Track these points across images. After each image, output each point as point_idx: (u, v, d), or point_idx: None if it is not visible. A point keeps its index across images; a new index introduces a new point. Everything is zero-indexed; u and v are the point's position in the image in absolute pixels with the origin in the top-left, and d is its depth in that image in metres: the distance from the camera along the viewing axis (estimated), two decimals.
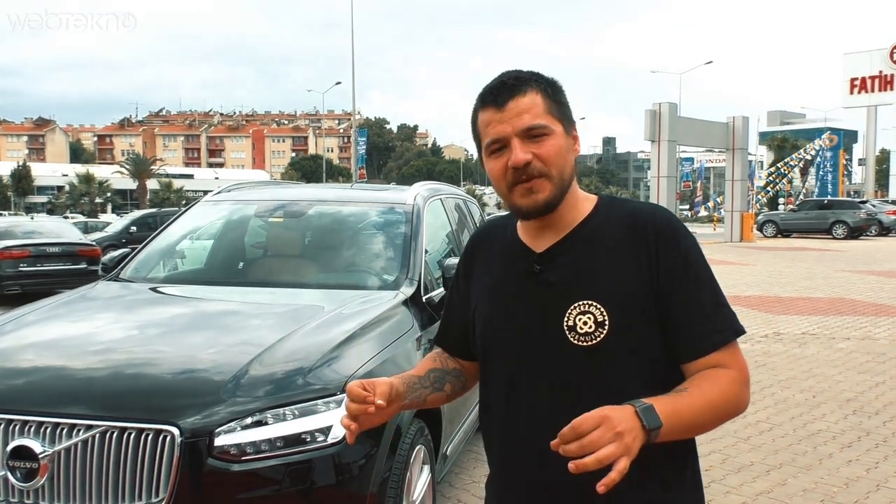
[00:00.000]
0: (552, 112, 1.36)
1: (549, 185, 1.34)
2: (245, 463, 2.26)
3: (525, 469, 1.38)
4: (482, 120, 1.37)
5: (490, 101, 1.36)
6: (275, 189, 5.01)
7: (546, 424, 1.31)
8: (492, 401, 1.45)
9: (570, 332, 1.32)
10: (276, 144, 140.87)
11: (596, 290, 1.32)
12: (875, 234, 30.37)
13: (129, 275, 3.87)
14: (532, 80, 1.37)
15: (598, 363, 1.32)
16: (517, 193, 1.36)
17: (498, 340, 1.42)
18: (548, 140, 1.34)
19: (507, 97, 1.34)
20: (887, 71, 40.98)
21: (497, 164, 1.36)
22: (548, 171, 1.34)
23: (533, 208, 1.35)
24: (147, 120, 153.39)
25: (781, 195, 47.31)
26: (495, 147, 1.35)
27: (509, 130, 1.33)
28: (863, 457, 4.56)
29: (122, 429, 2.24)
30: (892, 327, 9.05)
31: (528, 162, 1.32)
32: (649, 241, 1.35)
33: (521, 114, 1.33)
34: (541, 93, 1.35)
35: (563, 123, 1.38)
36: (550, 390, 1.35)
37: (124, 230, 21.01)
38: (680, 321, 1.33)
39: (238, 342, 2.77)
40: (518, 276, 1.40)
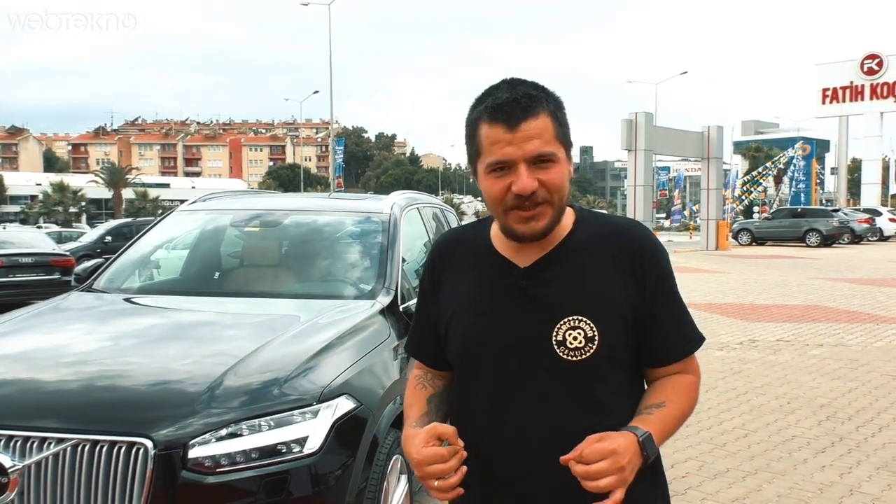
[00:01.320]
0: (559, 137, 1.33)
1: (550, 212, 1.33)
2: (220, 475, 2.23)
3: (507, 481, 1.38)
4: (487, 135, 1.31)
5: (501, 119, 1.29)
6: (251, 199, 4.99)
7: (532, 437, 1.35)
8: (472, 413, 1.43)
9: (559, 347, 1.33)
10: (254, 153, 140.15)
11: (585, 306, 1.34)
12: (847, 242, 30.79)
13: (103, 285, 3.83)
14: (542, 99, 1.32)
15: (585, 377, 1.34)
16: (514, 218, 1.33)
17: (483, 354, 1.40)
18: (554, 167, 1.32)
19: (520, 118, 1.29)
20: (858, 82, 41.63)
21: (498, 184, 1.32)
22: (551, 199, 1.32)
23: (530, 235, 1.34)
24: (122, 129, 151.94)
25: (756, 204, 47.84)
26: (498, 167, 1.31)
27: (518, 155, 1.29)
28: (836, 462, 4.61)
29: (94, 442, 2.21)
30: (864, 334, 9.18)
31: (535, 191, 1.30)
32: (633, 259, 1.38)
33: (532, 139, 1.29)
34: (550, 115, 1.32)
35: (566, 148, 1.36)
36: (537, 403, 1.36)
37: (99, 240, 20.78)
38: (657, 333, 1.39)
39: (213, 353, 2.75)
40: (502, 291, 1.39)
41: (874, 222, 33.39)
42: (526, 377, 1.36)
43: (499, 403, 1.39)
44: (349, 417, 2.50)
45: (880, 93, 40.90)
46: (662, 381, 1.44)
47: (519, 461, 1.37)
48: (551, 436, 1.34)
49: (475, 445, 1.41)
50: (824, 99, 43.10)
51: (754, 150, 59.91)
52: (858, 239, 31.58)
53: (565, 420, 1.35)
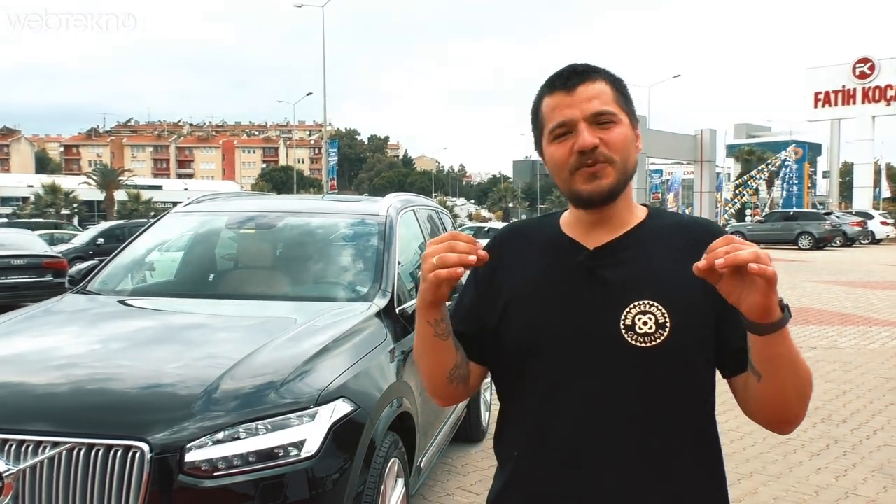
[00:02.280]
0: (619, 103, 1.34)
1: (613, 172, 1.31)
2: (217, 479, 2.21)
3: (557, 474, 1.32)
4: (548, 104, 1.34)
5: (560, 85, 1.33)
6: (246, 200, 4.97)
7: (588, 427, 1.30)
8: (525, 402, 1.36)
9: (627, 332, 1.28)
10: (247, 155, 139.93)
11: (657, 291, 1.29)
12: (839, 245, 30.94)
13: (97, 287, 3.80)
14: (601, 70, 1.36)
15: (653, 366, 1.27)
16: (580, 178, 1.31)
17: (544, 337, 1.33)
18: (615, 127, 1.31)
19: (578, 82, 1.32)
20: (850, 86, 41.88)
21: (561, 148, 1.32)
22: (613, 158, 1.31)
23: (597, 194, 1.31)
24: (115, 130, 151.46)
25: (748, 207, 48.02)
26: (561, 131, 1.32)
27: (577, 114, 1.30)
28: (832, 464, 4.62)
29: (89, 445, 2.18)
30: (857, 336, 9.21)
31: (596, 146, 1.29)
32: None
33: (591, 99, 1.31)
34: (608, 83, 1.34)
35: (630, 116, 1.36)
36: (599, 391, 1.30)
37: (91, 242, 20.66)
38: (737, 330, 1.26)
39: (209, 356, 2.73)
40: (569, 271, 1.34)
41: (866, 225, 33.59)
42: (589, 362, 1.30)
43: (556, 390, 1.32)
44: (347, 420, 2.49)
45: (872, 96, 41.15)
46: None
47: (574, 450, 1.30)
48: (610, 425, 1.29)
49: (528, 437, 1.35)
50: (816, 102, 43.33)
51: (746, 154, 60.08)
52: (850, 242, 31.75)
53: (628, 410, 1.29)
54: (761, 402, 1.28)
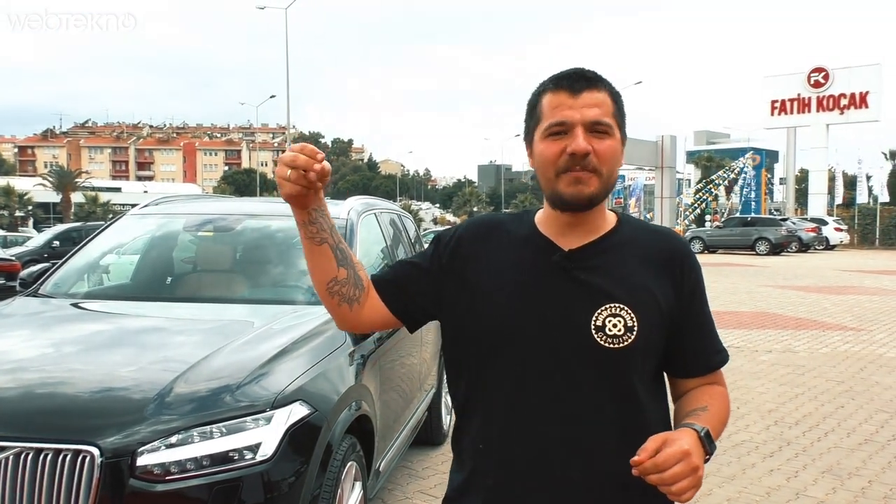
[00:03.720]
0: (616, 117, 1.39)
1: (597, 182, 1.35)
2: (169, 483, 2.19)
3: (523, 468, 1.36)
4: (550, 101, 1.37)
5: (566, 85, 1.36)
6: (204, 202, 4.91)
7: (554, 424, 1.34)
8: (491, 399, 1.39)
9: (597, 333, 1.33)
10: (209, 158, 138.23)
11: (627, 296, 1.35)
12: (795, 251, 31.60)
13: (50, 290, 3.73)
14: (607, 81, 1.40)
15: (619, 366, 1.34)
16: (564, 181, 1.35)
17: (514, 333, 1.36)
18: (608, 140, 1.36)
19: (584, 86, 1.36)
20: (805, 94, 42.83)
21: (553, 146, 1.35)
22: (600, 169, 1.35)
23: (577, 199, 1.36)
24: (72, 131, 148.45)
25: (708, 212, 48.81)
26: (557, 130, 1.35)
27: (577, 118, 1.34)
28: (783, 466, 4.72)
29: (38, 450, 2.15)
30: (811, 340, 9.41)
31: (588, 153, 1.33)
32: (674, 264, 1.42)
33: (593, 106, 1.35)
34: (610, 95, 1.38)
35: (621, 132, 1.40)
36: (566, 388, 1.34)
37: (46, 244, 20.23)
38: (695, 341, 1.43)
39: (163, 359, 2.69)
40: (544, 270, 1.38)
41: (820, 231, 34.33)
42: (556, 360, 1.34)
43: (524, 386, 1.35)
44: (303, 423, 2.47)
45: (826, 105, 42.15)
46: (697, 391, 1.47)
47: (541, 447, 1.35)
48: (575, 422, 1.34)
49: (493, 431, 1.39)
50: (773, 110, 44.24)
51: (706, 160, 61.10)
52: (806, 247, 32.44)
53: (593, 409, 1.34)
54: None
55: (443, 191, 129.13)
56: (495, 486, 1.38)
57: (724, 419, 1.44)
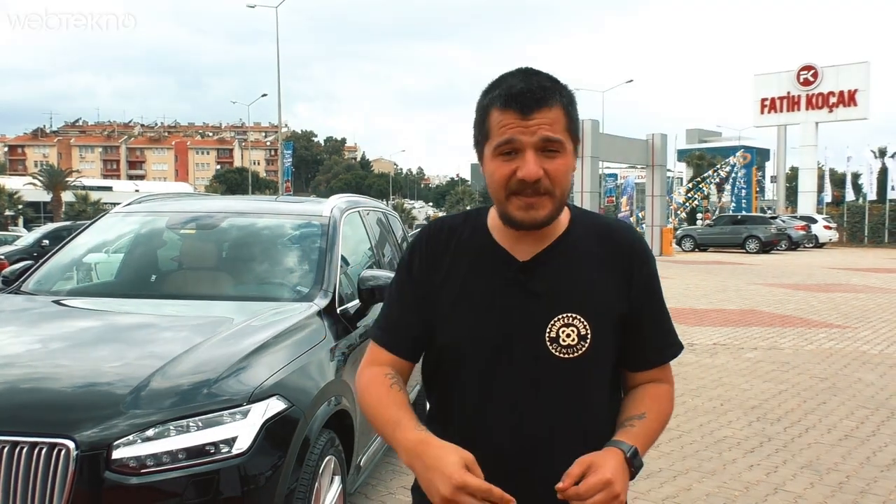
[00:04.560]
0: (569, 129, 1.35)
1: (550, 204, 1.34)
2: (145, 476, 2.21)
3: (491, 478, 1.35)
4: (498, 119, 1.32)
5: (515, 106, 1.31)
6: (189, 200, 4.93)
7: (514, 434, 1.37)
8: (457, 409, 1.43)
9: (551, 344, 1.35)
10: (200, 156, 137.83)
11: (580, 304, 1.35)
12: (785, 249, 31.77)
13: (32, 287, 3.74)
14: (556, 92, 1.34)
15: (574, 374, 1.35)
16: (515, 205, 1.34)
17: (475, 347, 1.39)
18: (559, 158, 1.33)
19: (534, 107, 1.30)
20: (794, 92, 43.00)
21: (503, 168, 1.32)
22: (553, 190, 1.33)
23: (530, 223, 1.35)
24: (62, 130, 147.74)
25: (699, 210, 48.99)
26: (506, 149, 1.32)
27: (528, 140, 1.30)
28: (763, 461, 4.76)
29: (13, 443, 2.17)
30: (796, 337, 9.49)
31: (539, 178, 1.31)
32: (624, 259, 1.42)
33: (543, 126, 1.30)
34: (562, 108, 1.34)
35: (574, 143, 1.38)
36: (524, 400, 1.37)
37: (35, 243, 20.14)
38: (642, 335, 1.42)
39: (140, 355, 2.71)
40: (501, 284, 1.39)
41: (810, 229, 34.53)
42: (515, 373, 1.36)
43: (486, 399, 1.38)
44: (280, 418, 2.50)
45: (815, 103, 42.32)
46: (641, 391, 1.47)
47: (503, 459, 1.37)
48: (534, 432, 1.37)
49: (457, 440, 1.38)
50: (762, 109, 44.39)
51: (697, 158, 61.41)
52: (795, 245, 32.62)
53: (552, 417, 1.37)
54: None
55: (436, 189, 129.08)
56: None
57: (663, 421, 1.45)
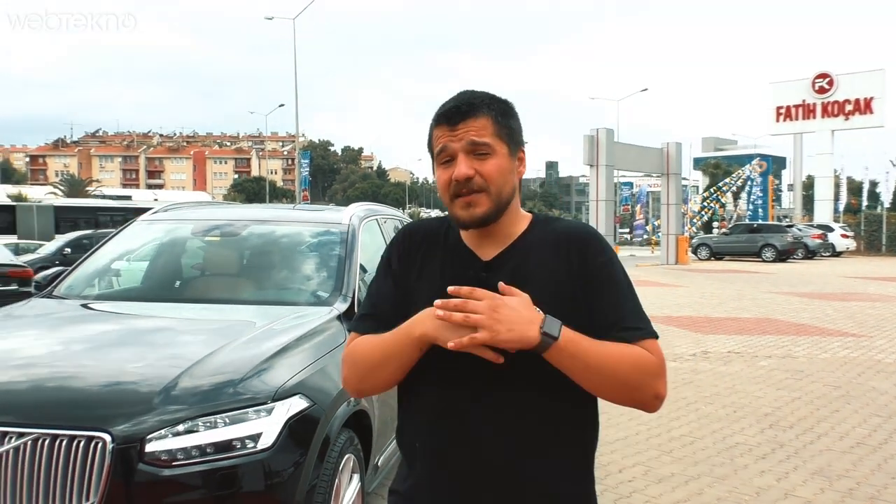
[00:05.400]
0: (499, 135, 1.51)
1: (486, 201, 1.49)
2: (175, 468, 2.34)
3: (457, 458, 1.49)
4: (436, 135, 1.52)
5: (444, 120, 1.51)
6: (212, 209, 5.08)
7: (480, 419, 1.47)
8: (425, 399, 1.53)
9: None
10: (218, 166, 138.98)
11: (537, 297, 1.45)
12: (801, 258, 31.58)
13: (63, 292, 3.91)
14: (484, 104, 1.51)
15: (533, 361, 1.44)
16: (458, 205, 1.50)
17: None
18: (491, 159, 1.49)
19: (460, 119, 1.49)
20: (810, 100, 42.80)
21: (444, 174, 1.51)
22: (487, 188, 1.48)
23: (470, 221, 1.50)
24: (83, 140, 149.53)
25: (715, 219, 48.82)
26: (444, 158, 1.50)
27: (456, 146, 1.48)
28: (775, 467, 4.81)
29: (53, 436, 2.30)
30: (810, 346, 9.49)
31: (470, 177, 1.47)
32: (579, 253, 1.52)
33: (469, 132, 1.48)
34: (491, 117, 1.50)
35: (509, 146, 1.53)
36: (490, 388, 1.47)
37: (58, 252, 20.43)
38: (604, 320, 1.48)
39: (169, 356, 2.86)
40: (467, 281, 1.48)
41: (826, 238, 34.30)
42: (481, 363, 1.44)
43: (452, 387, 1.48)
44: (302, 416, 2.62)
45: (831, 111, 42.11)
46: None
47: (469, 440, 1.47)
48: (504, 413, 1.47)
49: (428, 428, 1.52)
50: (778, 117, 44.22)
51: (713, 167, 61.14)
52: (812, 254, 32.41)
53: (514, 402, 1.47)
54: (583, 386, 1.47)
55: None
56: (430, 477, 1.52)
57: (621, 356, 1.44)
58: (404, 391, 1.59)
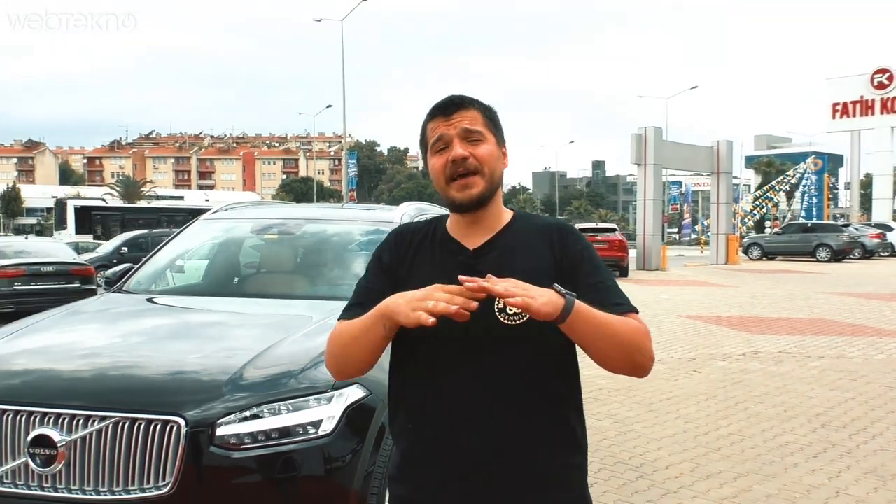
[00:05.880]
0: (488, 126, 1.68)
1: (481, 182, 1.64)
2: (243, 451, 2.50)
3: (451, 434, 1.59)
4: (430, 127, 1.68)
5: (439, 112, 1.67)
6: (269, 208, 5.28)
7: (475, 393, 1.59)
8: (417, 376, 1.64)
9: (500, 314, 1.59)
10: (267, 166, 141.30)
11: (521, 278, 1.55)
12: (858, 258, 30.81)
13: (132, 287, 4.14)
14: (474, 101, 1.70)
15: (522, 338, 1.57)
16: (454, 188, 1.64)
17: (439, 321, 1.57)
18: (483, 144, 1.65)
19: (454, 110, 1.66)
20: (868, 96, 41.72)
21: (439, 160, 1.65)
22: (481, 168, 1.63)
23: (467, 201, 1.64)
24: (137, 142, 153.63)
25: (768, 218, 47.89)
26: (440, 146, 1.65)
27: (452, 132, 1.64)
28: (826, 466, 4.76)
29: (132, 419, 2.48)
30: (866, 347, 9.30)
31: (466, 157, 1.62)
32: (558, 240, 1.68)
33: (463, 120, 1.65)
34: (479, 111, 1.68)
35: (496, 137, 1.70)
36: (483, 363, 1.59)
37: (115, 251, 21.11)
38: (592, 295, 1.59)
39: (234, 348, 3.04)
40: (455, 268, 1.62)
41: (885, 237, 33.39)
42: (472, 341, 1.57)
43: (448, 366, 1.60)
44: (359, 405, 2.74)
45: (891, 107, 40.96)
46: None
47: (463, 418, 1.58)
48: (492, 393, 1.59)
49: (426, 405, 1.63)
50: (834, 113, 43.20)
51: (766, 165, 59.95)
52: (870, 254, 31.59)
53: (505, 379, 1.59)
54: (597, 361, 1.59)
55: None
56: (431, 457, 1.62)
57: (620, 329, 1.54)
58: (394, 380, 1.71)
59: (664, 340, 9.87)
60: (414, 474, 1.66)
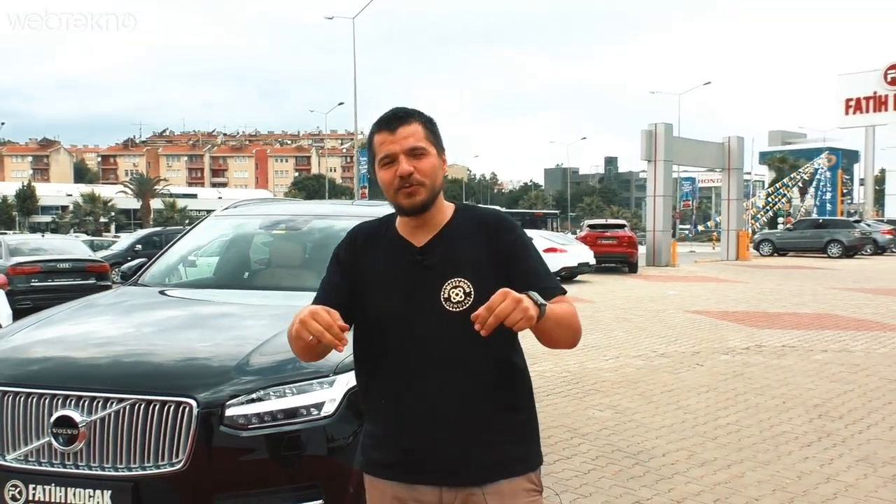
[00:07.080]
0: (429, 139, 1.86)
1: (424, 192, 1.82)
2: (251, 430, 2.69)
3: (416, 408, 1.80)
4: (377, 140, 1.84)
5: (385, 127, 1.84)
6: (278, 205, 5.46)
7: (430, 373, 1.81)
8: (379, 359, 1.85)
9: (446, 303, 1.80)
10: (279, 164, 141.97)
11: (462, 270, 1.81)
12: (870, 254, 30.70)
13: (147, 281, 4.36)
14: (415, 115, 1.87)
15: (466, 324, 1.71)
16: (401, 196, 1.82)
17: (393, 313, 1.84)
18: (425, 158, 1.83)
19: (398, 125, 1.83)
20: (881, 92, 41.50)
21: (387, 173, 1.83)
22: (424, 181, 1.82)
23: (412, 207, 1.83)
24: (150, 140, 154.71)
25: (780, 214, 47.70)
26: (386, 161, 1.82)
27: (398, 149, 1.81)
28: (819, 454, 4.88)
29: (148, 401, 2.66)
30: (870, 341, 9.37)
31: (411, 173, 1.80)
32: (493, 232, 1.88)
33: (408, 137, 1.82)
34: (422, 125, 1.86)
35: (437, 148, 1.88)
36: (433, 347, 1.80)
37: (130, 248, 21.37)
38: (523, 281, 1.78)
39: (242, 336, 3.25)
40: (404, 265, 1.86)
41: None
42: (424, 328, 1.80)
43: (404, 351, 1.80)
44: None
45: None
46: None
47: (422, 391, 1.79)
48: (446, 370, 1.80)
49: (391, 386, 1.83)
50: (847, 109, 43.01)
51: (779, 161, 59.65)
52: (882, 250, 31.46)
53: (456, 360, 1.79)
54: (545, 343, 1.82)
55: (509, 194, 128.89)
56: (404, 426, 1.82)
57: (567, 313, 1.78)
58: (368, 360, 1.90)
59: (669, 335, 9.99)
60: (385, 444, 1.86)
